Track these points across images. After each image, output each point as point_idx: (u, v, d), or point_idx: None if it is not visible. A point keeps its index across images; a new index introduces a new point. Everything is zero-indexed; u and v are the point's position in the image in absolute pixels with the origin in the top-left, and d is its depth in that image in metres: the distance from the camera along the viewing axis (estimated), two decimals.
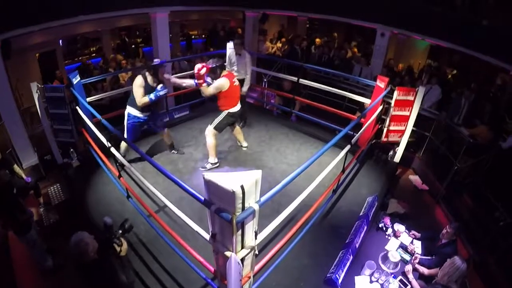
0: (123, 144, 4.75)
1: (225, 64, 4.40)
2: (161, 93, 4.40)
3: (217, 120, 4.74)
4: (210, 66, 4.36)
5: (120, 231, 2.87)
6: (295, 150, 5.65)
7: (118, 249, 2.73)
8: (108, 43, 11.11)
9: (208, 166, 4.98)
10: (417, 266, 3.60)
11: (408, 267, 3.53)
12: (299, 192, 3.13)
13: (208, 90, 4.45)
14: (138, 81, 4.38)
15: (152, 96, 4.37)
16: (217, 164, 5.03)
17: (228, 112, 4.71)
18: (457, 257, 3.10)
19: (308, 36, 11.05)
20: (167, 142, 5.25)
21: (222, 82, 4.42)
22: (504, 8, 6.01)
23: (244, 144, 5.51)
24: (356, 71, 7.87)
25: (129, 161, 4.96)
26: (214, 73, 4.47)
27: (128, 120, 4.63)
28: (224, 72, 4.53)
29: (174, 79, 5.04)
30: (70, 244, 2.41)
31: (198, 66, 4.31)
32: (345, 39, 11.71)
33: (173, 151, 5.33)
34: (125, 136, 4.67)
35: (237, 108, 4.77)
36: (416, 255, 3.68)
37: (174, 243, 3.28)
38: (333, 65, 8.09)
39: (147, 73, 4.45)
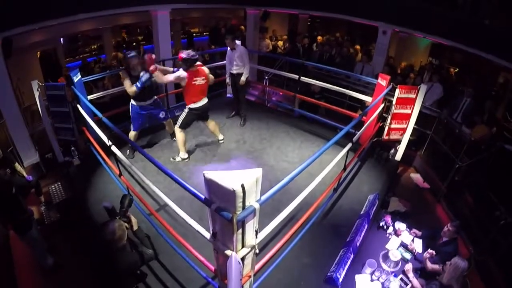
0: (131, 134, 5.02)
1: (196, 57, 4.51)
2: (143, 79, 4.56)
3: (180, 119, 4.89)
4: (182, 56, 4.46)
5: (123, 210, 2.91)
6: (296, 148, 5.64)
7: (128, 226, 2.79)
8: (109, 41, 11.09)
9: (178, 159, 5.12)
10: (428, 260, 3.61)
11: (408, 266, 3.53)
12: (300, 191, 3.13)
13: (166, 77, 4.53)
14: (123, 75, 4.64)
15: (137, 83, 4.56)
16: (187, 159, 5.14)
17: (189, 108, 4.82)
18: (458, 260, 3.12)
19: (309, 33, 11.02)
20: (168, 130, 5.64)
21: (180, 74, 4.48)
22: (507, 7, 5.97)
23: (220, 137, 5.58)
24: (358, 69, 7.84)
25: (133, 150, 5.12)
26: (185, 65, 4.53)
27: (131, 109, 4.94)
28: (192, 68, 4.56)
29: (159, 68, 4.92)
30: (107, 230, 2.55)
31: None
32: (347, 37, 11.67)
33: (174, 138, 5.52)
34: (132, 126, 5.03)
35: (198, 104, 4.82)
36: (429, 252, 3.67)
37: (174, 242, 3.29)
38: (334, 63, 8.05)
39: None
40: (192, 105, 4.81)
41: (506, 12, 5.93)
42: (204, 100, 4.90)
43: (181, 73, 4.52)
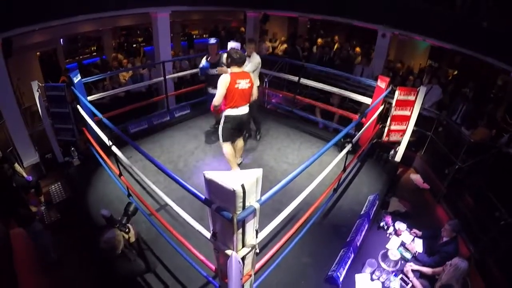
0: None
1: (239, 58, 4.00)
2: (201, 65, 5.10)
3: (220, 130, 4.31)
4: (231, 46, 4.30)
5: (125, 217, 2.88)
6: (296, 149, 5.64)
7: (126, 236, 2.76)
8: (109, 42, 11.11)
9: None
10: (419, 268, 3.61)
11: (408, 267, 3.55)
12: (300, 191, 3.13)
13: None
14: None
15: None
16: None
17: (225, 116, 4.22)
18: (458, 261, 3.13)
19: (309, 36, 11.05)
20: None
21: (222, 79, 3.96)
22: (505, 9, 6.00)
23: (239, 160, 4.94)
24: (358, 71, 7.86)
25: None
26: (226, 60, 4.13)
27: None
28: (235, 69, 4.06)
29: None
30: (102, 239, 2.54)
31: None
32: (346, 40, 11.72)
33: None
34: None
35: (236, 111, 4.18)
36: (407, 264, 3.68)
37: (175, 242, 3.29)
38: (334, 65, 8.07)
39: None
40: (229, 112, 4.16)
41: (505, 14, 5.95)
42: (244, 108, 4.24)
43: (221, 77, 3.98)
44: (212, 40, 5.12)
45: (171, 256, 3.45)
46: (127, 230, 2.79)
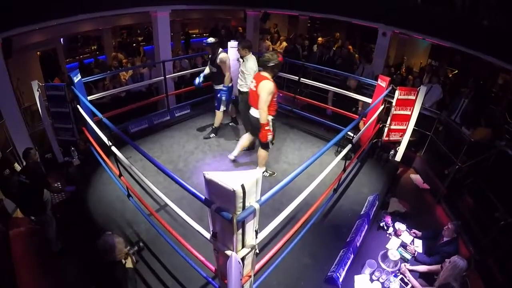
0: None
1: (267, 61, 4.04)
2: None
3: None
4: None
5: (131, 250, 2.96)
6: (296, 149, 5.64)
7: (123, 261, 2.78)
8: (109, 41, 11.10)
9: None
10: (414, 268, 3.61)
11: (404, 267, 3.55)
12: (300, 191, 3.12)
13: None
14: None
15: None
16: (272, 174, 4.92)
17: None
18: (457, 259, 3.12)
19: (309, 35, 11.04)
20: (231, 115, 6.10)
21: None
22: (505, 8, 5.97)
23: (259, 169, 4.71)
24: (358, 70, 7.84)
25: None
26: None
27: None
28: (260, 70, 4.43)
29: None
30: (100, 240, 2.57)
31: None
32: (347, 38, 11.70)
33: (231, 123, 6.21)
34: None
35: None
36: (403, 265, 3.67)
37: (174, 242, 3.28)
38: (334, 64, 8.05)
39: None
40: None
41: (505, 12, 5.93)
42: (252, 110, 4.43)
43: None
44: (208, 40, 5.36)
45: (170, 256, 3.45)
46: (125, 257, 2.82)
